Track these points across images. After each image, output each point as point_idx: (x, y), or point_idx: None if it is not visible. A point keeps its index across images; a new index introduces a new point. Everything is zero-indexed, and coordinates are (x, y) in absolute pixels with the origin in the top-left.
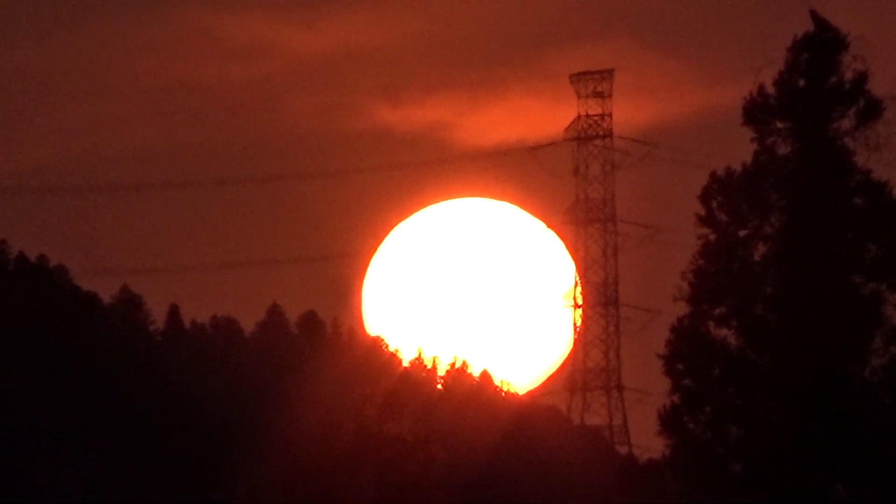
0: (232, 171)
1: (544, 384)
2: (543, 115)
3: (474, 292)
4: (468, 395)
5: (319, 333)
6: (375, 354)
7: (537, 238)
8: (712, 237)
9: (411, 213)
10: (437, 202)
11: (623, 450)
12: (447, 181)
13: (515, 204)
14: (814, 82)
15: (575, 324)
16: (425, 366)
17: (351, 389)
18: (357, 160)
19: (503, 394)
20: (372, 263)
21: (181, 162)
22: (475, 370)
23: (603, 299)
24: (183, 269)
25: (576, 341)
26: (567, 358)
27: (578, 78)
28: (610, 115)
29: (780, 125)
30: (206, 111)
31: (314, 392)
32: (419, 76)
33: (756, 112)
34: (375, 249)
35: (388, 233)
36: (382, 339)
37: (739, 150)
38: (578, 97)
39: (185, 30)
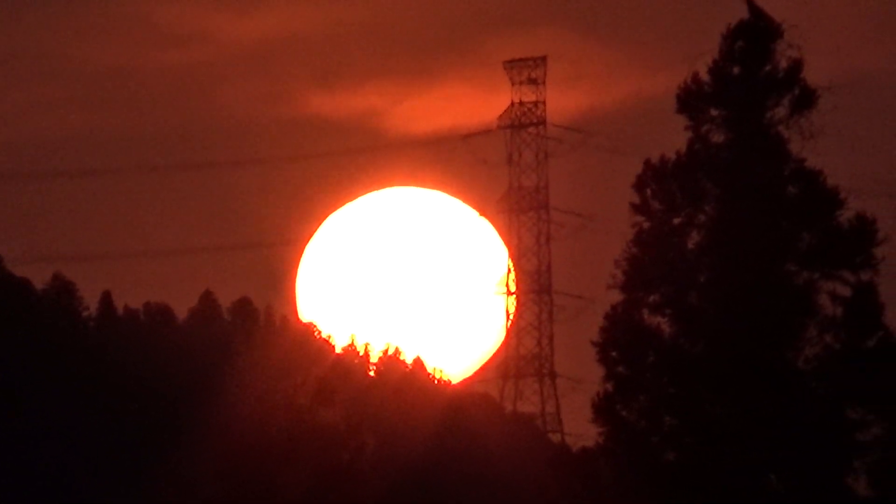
0: (166, 157)
1: (477, 371)
2: (477, 103)
3: (407, 280)
4: (401, 382)
5: (252, 320)
6: (308, 341)
7: (470, 226)
8: (646, 225)
9: (346, 202)
10: (371, 191)
11: (556, 438)
12: (381, 169)
13: (449, 192)
14: (748, 71)
15: (508, 311)
16: (358, 352)
17: (284, 376)
18: (291, 147)
19: (436, 381)
20: (306, 251)
21: (115, 148)
22: (408, 357)
23: (536, 287)
24: (116, 255)
25: (509, 329)
26: (500, 345)
27: (512, 65)
28: (543, 103)
29: (714, 113)
30: (141, 97)
31: (247, 379)
32: (353, 64)
33: (690, 100)
34: (310, 237)
35: (322, 221)
36: (315, 326)
37: (674, 138)
38: (512, 84)
39: (121, 16)
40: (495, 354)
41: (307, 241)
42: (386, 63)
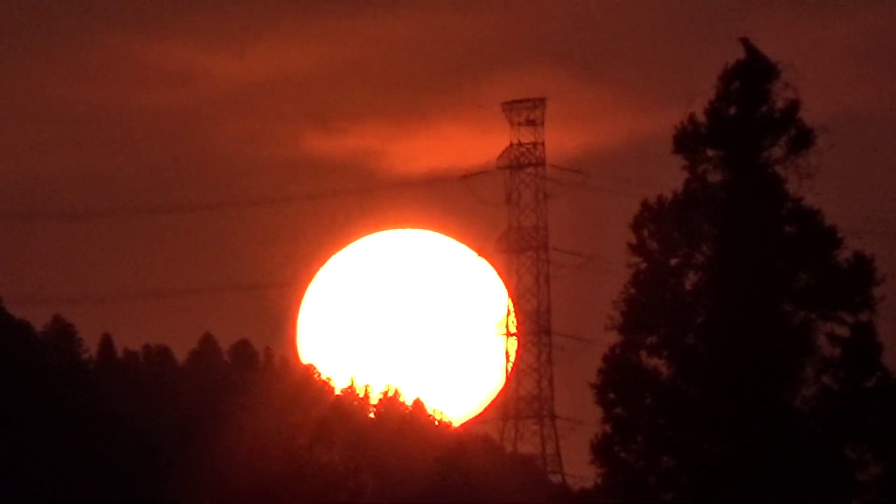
0: (163, 198)
1: (477, 413)
2: (475, 144)
3: (407, 322)
4: (400, 424)
5: (252, 362)
6: (307, 383)
7: (469, 267)
8: (643, 266)
9: (344, 244)
10: (371, 233)
11: (556, 479)
12: (378, 210)
13: (447, 233)
14: (745, 111)
15: (507, 353)
16: (357, 394)
17: (282, 418)
18: (287, 188)
19: (436, 422)
20: (307, 293)
21: (112, 189)
22: (408, 399)
23: (536, 328)
24: (115, 297)
25: (508, 370)
26: (500, 387)
27: (511, 106)
28: (542, 144)
29: (711, 153)
30: (136, 137)
31: (246, 421)
32: (348, 103)
33: (687, 140)
34: (310, 279)
35: (322, 263)
36: (315, 368)
37: (671, 178)
38: (511, 125)
39: (113, 55)
40: (495, 396)
41: (307, 283)
42: (381, 103)
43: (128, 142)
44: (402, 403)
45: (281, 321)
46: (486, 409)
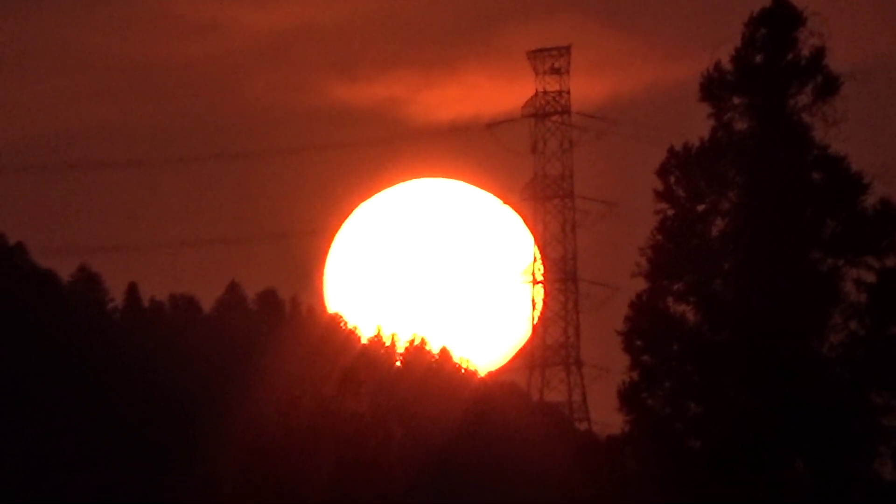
0: (189, 149)
1: (504, 361)
2: (500, 92)
3: (433, 271)
4: (427, 373)
5: (278, 311)
6: (334, 332)
7: (495, 215)
8: (670, 213)
9: (371, 194)
10: (397, 183)
11: (583, 426)
12: (404, 159)
13: (473, 181)
14: (771, 58)
15: (534, 300)
16: (384, 343)
17: (309, 367)
18: (313, 137)
19: (462, 371)
20: (334, 242)
21: (138, 140)
22: (434, 347)
23: (562, 275)
24: (141, 247)
25: (535, 318)
26: (527, 335)
27: (535, 55)
28: (567, 92)
29: (737, 101)
30: (163, 89)
31: (273, 370)
32: (373, 52)
33: (713, 88)
34: (337, 229)
35: (348, 213)
36: (341, 317)
37: (697, 125)
38: (536, 74)
39: (140, 8)
40: (522, 344)
41: (334, 233)
42: (407, 52)
43: (155, 93)
44: (429, 352)
45: (307, 270)
46: (512, 358)
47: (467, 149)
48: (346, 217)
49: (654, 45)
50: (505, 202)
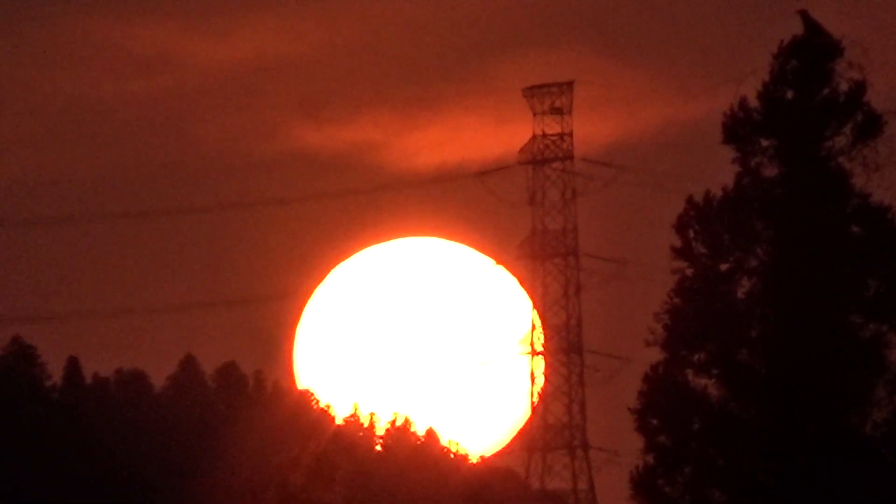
0: (135, 201)
1: (499, 444)
2: (492, 135)
3: (418, 342)
4: (411, 458)
5: (240, 388)
6: (304, 411)
7: (488, 278)
8: (689, 272)
9: (347, 256)
10: (376, 242)
11: None
12: (384, 214)
13: (461, 239)
14: (804, 94)
15: (533, 374)
16: (361, 424)
17: (276, 451)
18: (277, 188)
19: (452, 455)
20: (304, 310)
21: (78, 192)
22: (419, 429)
23: (565, 345)
24: (82, 315)
25: (535, 395)
26: (525, 414)
27: (533, 92)
28: (570, 135)
29: (765, 143)
30: (106, 133)
31: (233, 455)
32: (346, 92)
33: (737, 129)
34: (308, 294)
35: (322, 277)
36: (312, 394)
37: (719, 172)
38: (533, 114)
39: (82, 41)
40: (520, 425)
41: (304, 300)
42: (384, 91)
43: (100, 138)
44: (413, 434)
45: (274, 341)
46: (510, 441)
47: (455, 201)
48: (318, 282)
49: (668, 80)
50: (498, 262)
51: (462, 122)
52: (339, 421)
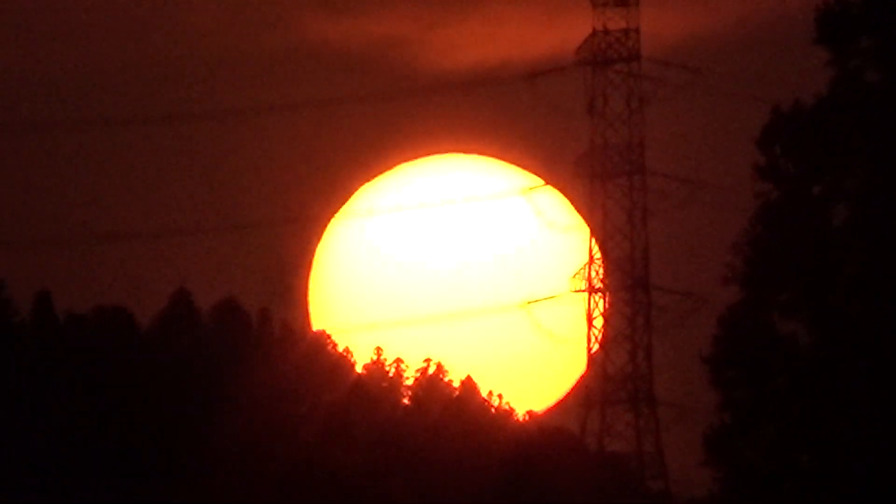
0: (119, 107)
1: (550, 398)
2: (544, 30)
3: (454, 277)
4: (445, 413)
5: (242, 328)
6: (319, 357)
7: (536, 201)
8: (774, 196)
9: (372, 176)
10: (406, 160)
11: (657, 485)
12: (416, 124)
13: (507, 157)
14: None
15: (590, 316)
16: (386, 372)
17: (285, 404)
18: (289, 92)
19: (493, 410)
20: (321, 239)
21: (51, 95)
22: (455, 378)
23: (628, 281)
24: (56, 242)
25: (592, 339)
26: (581, 362)
27: None
28: (636, 31)
29: (866, 43)
30: (81, 26)
31: (236, 407)
32: None
33: (834, 25)
34: (326, 220)
35: (343, 199)
36: (328, 336)
37: (811, 76)
38: (594, 5)
39: None
40: (575, 375)
41: (322, 226)
42: None
43: (74, 32)
44: (448, 384)
45: (284, 274)
46: (561, 393)
47: (501, 110)
48: (337, 206)
49: None
50: (550, 182)
51: (507, 15)
52: (359, 368)
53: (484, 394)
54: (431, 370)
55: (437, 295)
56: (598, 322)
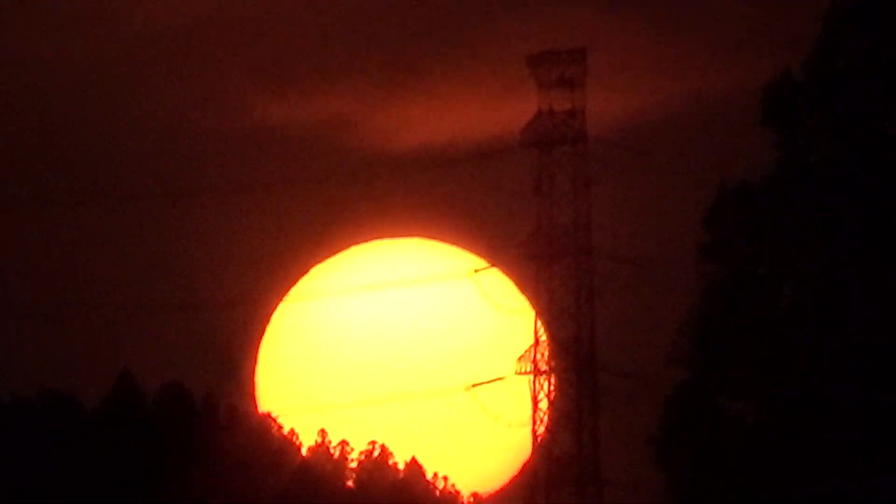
0: (64, 185)
1: (496, 480)
2: (490, 111)
3: (399, 359)
4: (390, 495)
5: (187, 412)
6: (264, 439)
7: (481, 283)
8: (721, 275)
9: (319, 260)
10: (351, 245)
11: None
12: (359, 208)
13: (452, 237)
14: (861, 62)
15: (535, 397)
16: (331, 455)
17: (230, 487)
18: (231, 174)
19: (439, 492)
20: (269, 322)
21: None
22: (400, 460)
23: (574, 363)
24: None
25: (538, 422)
26: (526, 445)
27: (539, 61)
28: (582, 112)
29: (813, 122)
30: (23, 102)
31: (180, 492)
32: (313, 59)
33: (780, 105)
34: (272, 304)
35: (287, 284)
36: (274, 419)
37: (758, 156)
38: (539, 86)
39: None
40: (520, 457)
41: (268, 309)
42: (359, 58)
43: (16, 107)
44: (393, 466)
45: (229, 357)
46: (506, 475)
47: (445, 192)
48: (283, 291)
49: (697, 47)
50: (494, 264)
51: (454, 96)
52: (304, 451)
53: (429, 476)
54: (376, 453)
55: (382, 376)
56: (544, 404)
